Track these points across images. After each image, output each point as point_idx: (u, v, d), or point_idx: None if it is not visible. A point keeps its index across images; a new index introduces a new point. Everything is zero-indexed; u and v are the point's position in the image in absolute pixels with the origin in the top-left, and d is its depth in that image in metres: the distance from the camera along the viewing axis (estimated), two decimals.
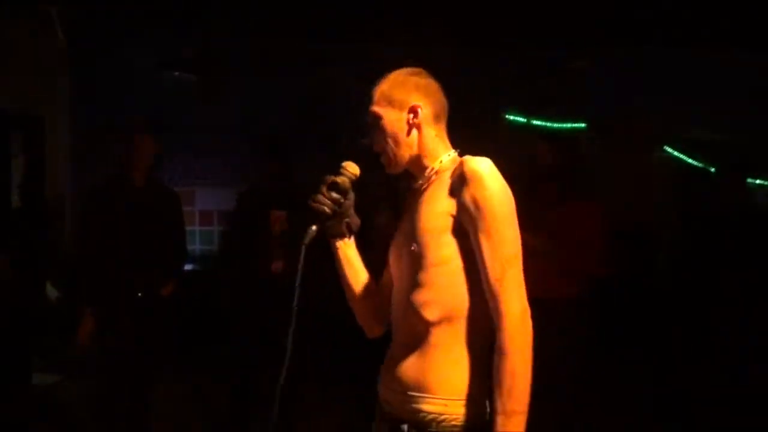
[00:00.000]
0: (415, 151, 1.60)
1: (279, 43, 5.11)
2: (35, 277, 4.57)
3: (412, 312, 1.52)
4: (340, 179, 1.62)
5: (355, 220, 1.66)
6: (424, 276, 1.51)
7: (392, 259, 1.65)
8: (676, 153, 6.33)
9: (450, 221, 1.49)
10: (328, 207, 1.60)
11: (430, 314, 1.49)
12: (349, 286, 1.70)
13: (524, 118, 6.14)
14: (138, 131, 3.31)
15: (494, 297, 1.43)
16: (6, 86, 4.38)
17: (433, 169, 1.59)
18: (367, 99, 1.63)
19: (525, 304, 1.44)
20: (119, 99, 5.16)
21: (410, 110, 1.59)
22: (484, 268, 1.44)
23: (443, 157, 1.60)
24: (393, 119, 1.59)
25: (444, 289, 1.49)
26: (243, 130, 5.32)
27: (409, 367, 1.51)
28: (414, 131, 1.59)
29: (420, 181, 1.61)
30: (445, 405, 1.47)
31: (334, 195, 1.61)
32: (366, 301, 1.69)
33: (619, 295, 4.26)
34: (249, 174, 4.10)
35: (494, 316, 1.44)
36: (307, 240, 1.58)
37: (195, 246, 5.92)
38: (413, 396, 1.49)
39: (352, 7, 3.83)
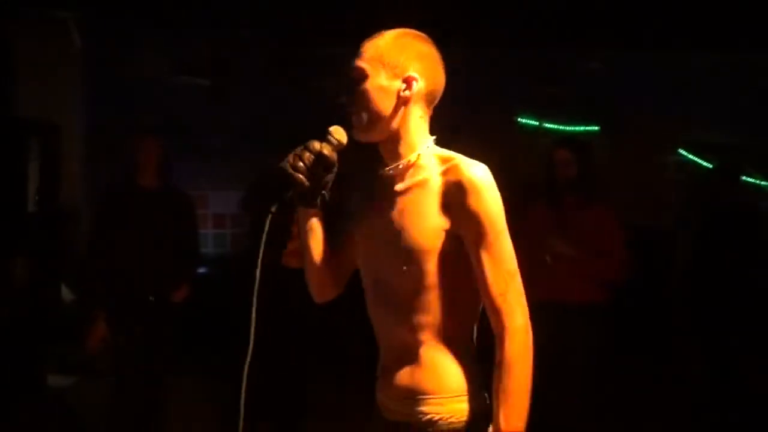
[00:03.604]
0: (394, 127, 1.43)
1: (290, 47, 5.14)
2: (51, 279, 4.62)
3: (407, 332, 1.46)
4: (327, 150, 1.42)
5: (330, 194, 1.50)
6: (420, 299, 1.43)
7: (364, 252, 1.53)
8: (690, 156, 6.29)
9: (444, 236, 1.40)
10: (306, 178, 1.42)
11: (425, 336, 1.45)
12: (308, 253, 1.57)
13: (536, 121, 6.12)
14: (140, 133, 3.33)
15: (497, 312, 1.39)
16: (23, 93, 4.43)
17: (409, 161, 1.44)
18: (356, 51, 1.42)
19: (527, 317, 1.40)
20: (133, 104, 5.22)
21: (404, 80, 1.41)
22: (485, 283, 1.39)
23: (421, 148, 1.45)
24: (382, 84, 1.40)
25: (440, 311, 1.44)
26: (256, 134, 5.36)
27: (404, 376, 1.48)
28: (402, 106, 1.41)
29: (389, 170, 1.46)
30: (441, 404, 1.44)
31: (317, 168, 1.42)
32: (322, 270, 1.58)
33: (635, 300, 4.23)
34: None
35: (496, 330, 1.40)
36: (274, 209, 1.42)
37: (208, 249, 5.96)
38: (411, 400, 1.47)
39: (361, 9, 3.83)
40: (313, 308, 3.59)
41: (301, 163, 1.41)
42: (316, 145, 1.43)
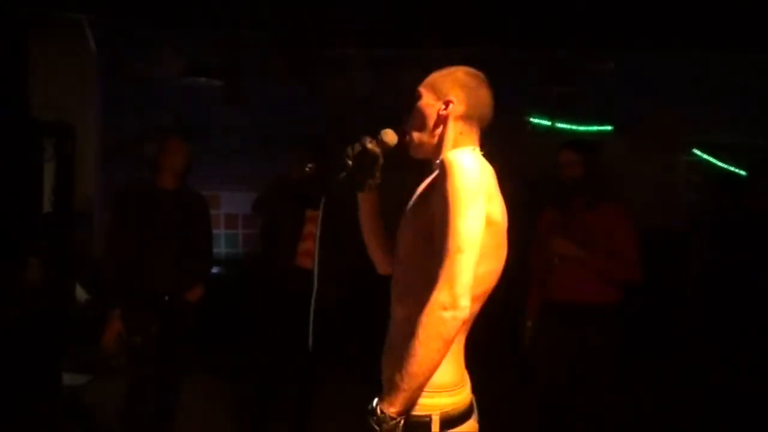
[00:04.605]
0: (435, 141, 1.64)
1: (302, 48, 5.16)
2: (65, 279, 4.66)
3: (397, 305, 1.60)
4: (370, 145, 1.70)
5: (377, 180, 1.75)
6: (402, 268, 1.60)
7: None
8: (705, 156, 6.24)
9: (430, 215, 1.50)
10: (351, 163, 1.70)
11: (408, 311, 1.51)
12: (366, 233, 1.84)
13: (548, 121, 6.10)
14: (171, 135, 3.34)
15: (436, 284, 1.41)
16: (38, 94, 4.47)
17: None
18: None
19: (456, 299, 1.38)
20: (146, 105, 5.26)
21: (444, 102, 1.64)
22: (438, 255, 1.43)
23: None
24: (428, 103, 1.66)
25: (420, 287, 1.47)
26: (268, 135, 5.38)
27: (387, 354, 1.60)
28: (441, 123, 1.64)
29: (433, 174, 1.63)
30: None
31: (363, 158, 1.70)
32: (381, 248, 1.83)
33: (648, 300, 4.21)
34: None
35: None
36: (344, 175, 1.71)
37: (220, 249, 6.00)
38: (386, 383, 1.52)
39: (374, 12, 3.85)
40: (323, 307, 3.57)
41: (350, 151, 1.70)
42: (366, 139, 1.71)
